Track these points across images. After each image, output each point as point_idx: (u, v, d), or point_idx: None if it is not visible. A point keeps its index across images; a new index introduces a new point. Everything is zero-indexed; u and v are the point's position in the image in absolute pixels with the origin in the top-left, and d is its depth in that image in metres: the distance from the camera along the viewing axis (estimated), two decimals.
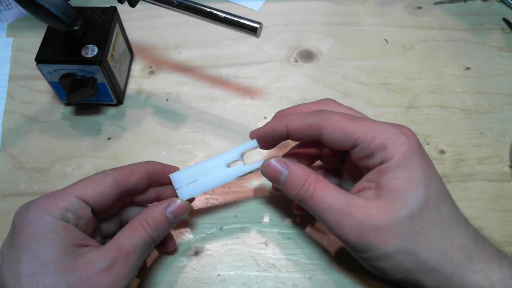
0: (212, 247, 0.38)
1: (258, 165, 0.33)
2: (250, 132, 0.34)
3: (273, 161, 0.31)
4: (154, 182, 0.34)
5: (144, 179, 0.32)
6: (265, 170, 0.32)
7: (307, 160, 0.36)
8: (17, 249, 0.26)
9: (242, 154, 0.34)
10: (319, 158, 0.36)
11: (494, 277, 0.27)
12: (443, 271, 0.27)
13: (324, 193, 0.29)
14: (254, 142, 0.34)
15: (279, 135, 0.32)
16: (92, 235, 0.31)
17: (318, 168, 0.37)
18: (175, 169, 0.35)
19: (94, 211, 0.30)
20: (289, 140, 0.33)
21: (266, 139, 0.33)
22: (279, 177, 0.31)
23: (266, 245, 0.38)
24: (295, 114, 0.32)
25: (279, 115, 0.34)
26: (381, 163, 0.28)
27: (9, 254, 0.26)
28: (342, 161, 0.35)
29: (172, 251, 0.37)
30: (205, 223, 0.39)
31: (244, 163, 0.34)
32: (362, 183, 0.30)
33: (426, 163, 0.29)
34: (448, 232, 0.28)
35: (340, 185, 0.36)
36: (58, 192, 0.29)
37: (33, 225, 0.26)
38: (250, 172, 0.34)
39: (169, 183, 0.35)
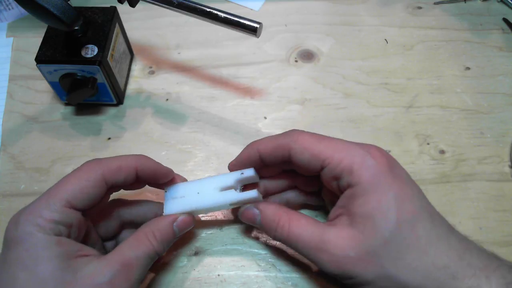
0: (212, 247, 0.38)
1: (250, 195, 0.32)
2: (229, 164, 0.35)
3: (247, 206, 0.33)
4: (143, 179, 0.32)
5: (132, 176, 0.31)
6: (241, 216, 0.33)
7: (282, 188, 0.36)
8: (12, 267, 0.25)
9: (239, 183, 0.33)
10: (292, 186, 0.37)
11: (487, 285, 0.26)
12: (431, 287, 0.26)
13: (298, 231, 0.29)
14: (251, 171, 0.33)
15: (253, 160, 0.33)
16: (87, 236, 0.31)
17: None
18: (168, 170, 0.34)
19: (84, 212, 0.29)
20: None
21: (243, 167, 0.34)
22: (255, 221, 0.32)
23: (266, 245, 0.38)
24: (266, 137, 0.33)
25: (252, 142, 0.34)
26: (349, 186, 0.28)
27: (4, 270, 0.26)
28: (320, 186, 0.35)
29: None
30: (205, 223, 0.39)
31: (237, 191, 0.33)
32: (336, 209, 0.30)
33: (398, 184, 0.28)
34: (427, 252, 0.27)
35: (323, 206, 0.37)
36: (43, 201, 0.27)
37: (25, 244, 0.26)
38: (242, 202, 0.33)
39: (160, 182, 0.34)
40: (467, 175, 0.42)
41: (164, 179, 0.34)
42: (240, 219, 0.33)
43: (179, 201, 0.33)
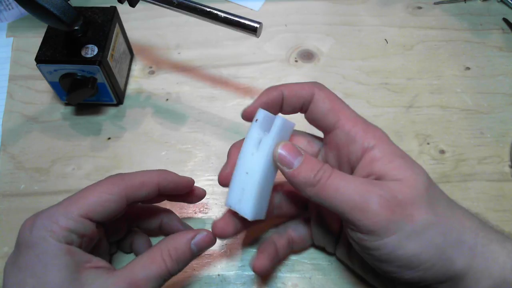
0: (212, 247, 0.38)
1: (278, 123, 0.28)
2: (243, 111, 0.31)
3: (290, 143, 0.28)
4: (165, 193, 0.32)
5: (154, 192, 0.31)
6: (281, 147, 0.28)
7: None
8: (22, 272, 0.26)
9: (261, 130, 0.29)
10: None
11: (509, 246, 0.26)
12: (468, 241, 0.26)
13: (343, 174, 0.27)
14: (261, 112, 0.29)
15: (273, 103, 0.30)
16: (98, 244, 0.31)
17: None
18: (188, 180, 0.33)
19: (99, 223, 0.29)
20: None
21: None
22: (294, 160, 0.27)
23: None
24: (291, 83, 0.31)
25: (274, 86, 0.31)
26: (365, 151, 0.28)
27: (13, 274, 0.26)
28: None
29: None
30: (204, 223, 0.39)
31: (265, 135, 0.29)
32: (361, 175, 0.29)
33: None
34: (451, 204, 0.27)
35: None
36: (61, 208, 0.28)
37: (36, 249, 0.26)
38: (278, 138, 0.28)
39: (182, 193, 0.34)
40: (467, 175, 0.42)
41: (185, 190, 0.34)
42: (276, 158, 0.28)
43: (244, 197, 0.28)
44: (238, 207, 0.28)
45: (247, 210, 0.28)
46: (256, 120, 0.29)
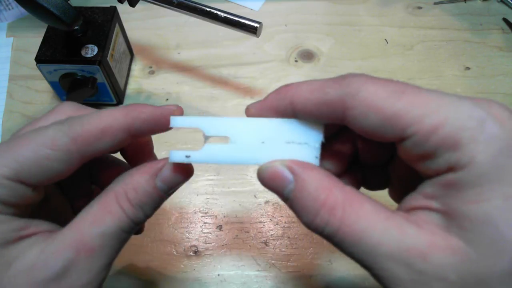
0: (212, 247, 0.38)
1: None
2: (247, 106, 0.24)
3: (277, 163, 0.20)
4: (141, 136, 0.23)
5: (123, 139, 0.21)
6: (263, 175, 0.20)
7: (337, 160, 0.23)
8: None
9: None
10: (351, 154, 0.24)
11: None
12: None
13: (360, 224, 0.18)
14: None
15: (282, 113, 0.22)
16: (45, 202, 0.23)
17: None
18: (171, 109, 0.24)
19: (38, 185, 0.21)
20: None
21: (264, 114, 0.23)
22: (283, 189, 0.19)
23: (266, 245, 0.38)
24: (307, 84, 0.21)
25: (284, 88, 0.22)
26: (450, 170, 0.17)
27: None
28: (387, 157, 0.23)
29: None
30: (205, 223, 0.39)
31: None
32: (418, 198, 0.19)
33: None
34: None
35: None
36: None
37: None
38: None
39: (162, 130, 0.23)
40: None
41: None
42: (261, 181, 0.20)
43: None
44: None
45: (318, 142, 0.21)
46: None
